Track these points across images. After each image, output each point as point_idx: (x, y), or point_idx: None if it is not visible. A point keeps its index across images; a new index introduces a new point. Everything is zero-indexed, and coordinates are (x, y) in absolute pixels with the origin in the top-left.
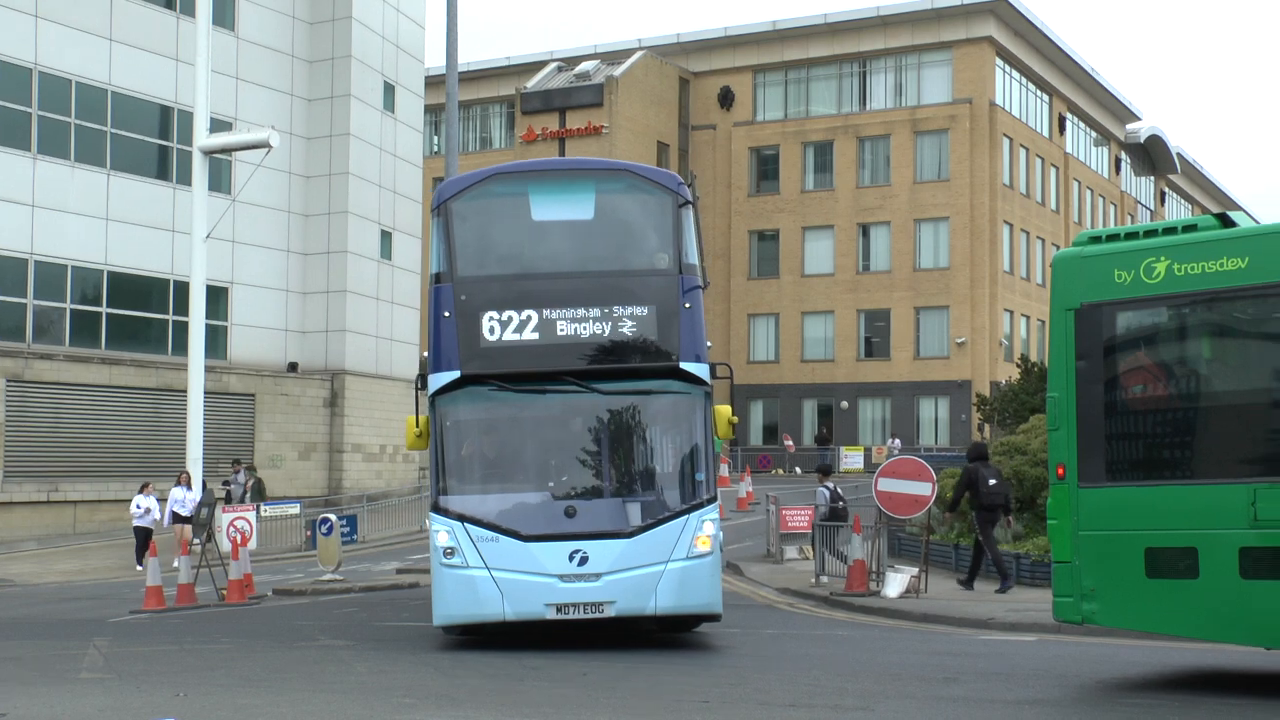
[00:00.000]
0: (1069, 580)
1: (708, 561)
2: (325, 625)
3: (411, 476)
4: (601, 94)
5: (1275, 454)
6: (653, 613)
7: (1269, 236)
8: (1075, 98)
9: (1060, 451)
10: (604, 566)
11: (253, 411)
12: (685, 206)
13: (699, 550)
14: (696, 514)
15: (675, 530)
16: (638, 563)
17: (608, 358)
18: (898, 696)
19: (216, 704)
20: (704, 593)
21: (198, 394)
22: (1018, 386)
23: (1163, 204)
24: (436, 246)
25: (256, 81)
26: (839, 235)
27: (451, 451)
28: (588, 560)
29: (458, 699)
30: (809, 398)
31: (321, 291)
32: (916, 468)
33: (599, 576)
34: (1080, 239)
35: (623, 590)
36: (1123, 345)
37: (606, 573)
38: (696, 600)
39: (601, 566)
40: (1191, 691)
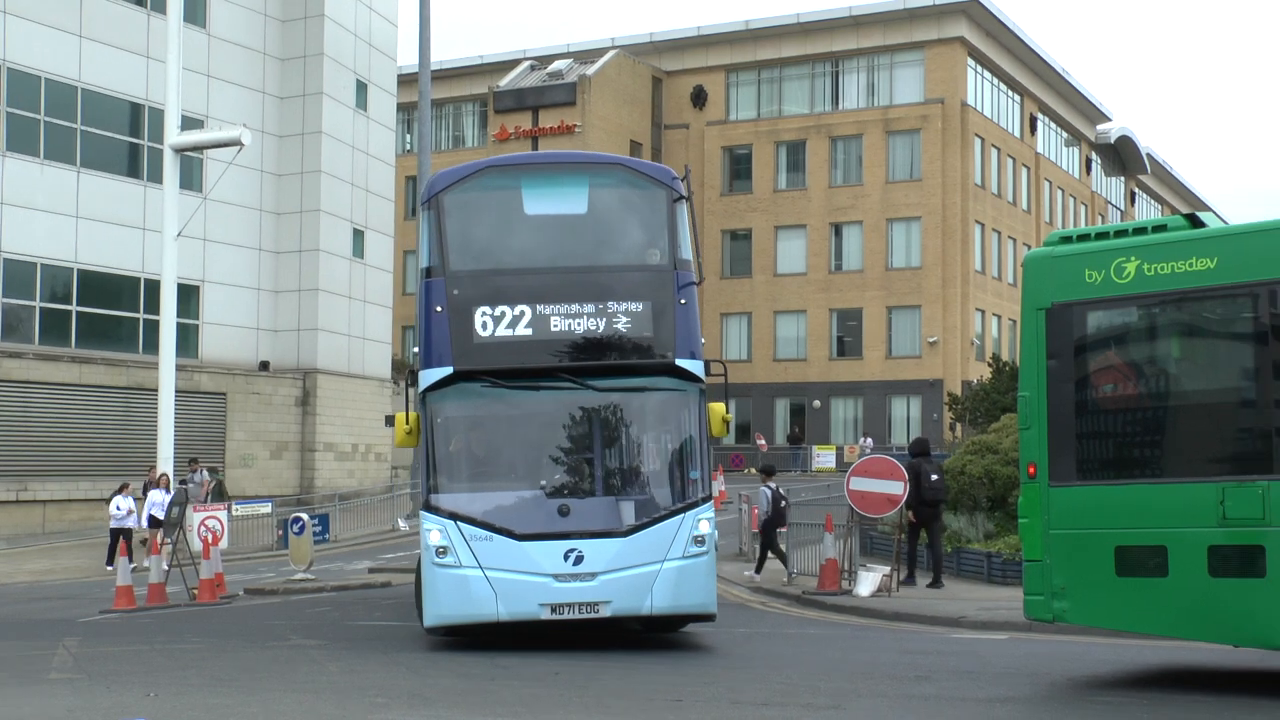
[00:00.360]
0: (1040, 579)
1: (703, 561)
2: (297, 625)
3: (384, 475)
4: (574, 93)
5: (1243, 453)
6: (648, 613)
7: (1237, 237)
8: (1046, 98)
9: (1031, 450)
10: (599, 566)
11: (224, 410)
12: (679, 201)
13: (695, 549)
14: (692, 513)
15: (671, 529)
16: (633, 562)
17: (602, 354)
18: (870, 695)
19: (188, 704)
20: (699, 592)
21: (169, 393)
22: (989, 386)
23: (1133, 204)
24: (427, 240)
25: (228, 79)
26: (811, 235)
27: (443, 449)
28: (583, 559)
29: (430, 698)
30: (781, 397)
31: (293, 290)
32: (889, 467)
33: (594, 576)
34: (1051, 239)
35: (618, 590)
36: (1093, 345)
37: (602, 572)
38: (692, 600)
39: (597, 566)
40: (1161, 689)
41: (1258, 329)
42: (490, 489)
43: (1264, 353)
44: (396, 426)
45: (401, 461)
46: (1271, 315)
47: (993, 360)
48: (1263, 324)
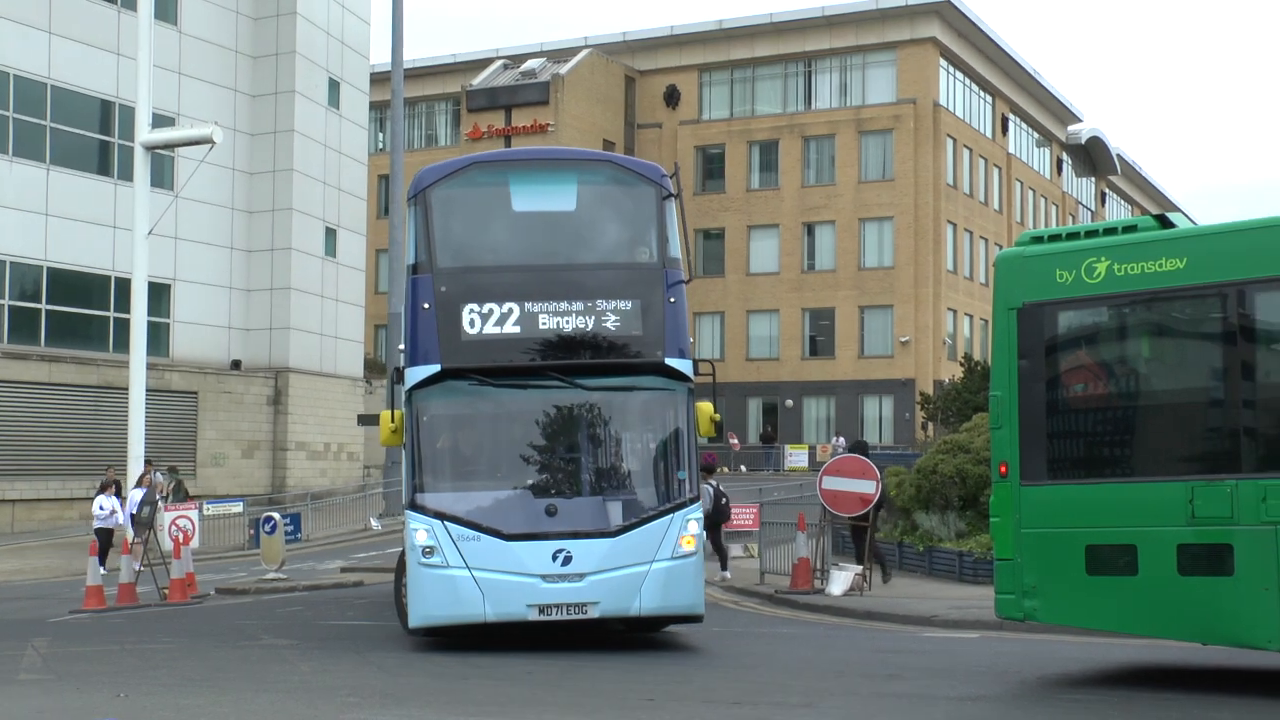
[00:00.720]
0: (1011, 578)
1: (692, 562)
2: (269, 624)
3: (356, 475)
4: (547, 92)
5: (1211, 452)
6: (637, 613)
7: (1206, 238)
8: (1018, 99)
9: (1003, 450)
10: (588, 566)
11: (195, 409)
12: (668, 198)
13: (683, 550)
14: (680, 513)
15: (660, 530)
16: (622, 563)
17: (591, 352)
18: (842, 693)
19: (158, 704)
20: (688, 593)
21: (139, 392)
22: (961, 385)
23: (1103, 204)
24: (414, 236)
25: (199, 77)
26: (784, 234)
27: (430, 447)
28: (571, 560)
29: (402, 698)
30: (754, 396)
31: (265, 289)
32: (861, 466)
33: (583, 577)
34: (1022, 239)
35: (607, 591)
36: (1064, 344)
37: (591, 573)
38: (680, 601)
39: (585, 566)
40: (1130, 687)
41: (1226, 329)
42: (477, 488)
43: (1232, 353)
44: (382, 425)
45: (374, 461)
46: (1240, 315)
47: (964, 360)
48: (1231, 324)
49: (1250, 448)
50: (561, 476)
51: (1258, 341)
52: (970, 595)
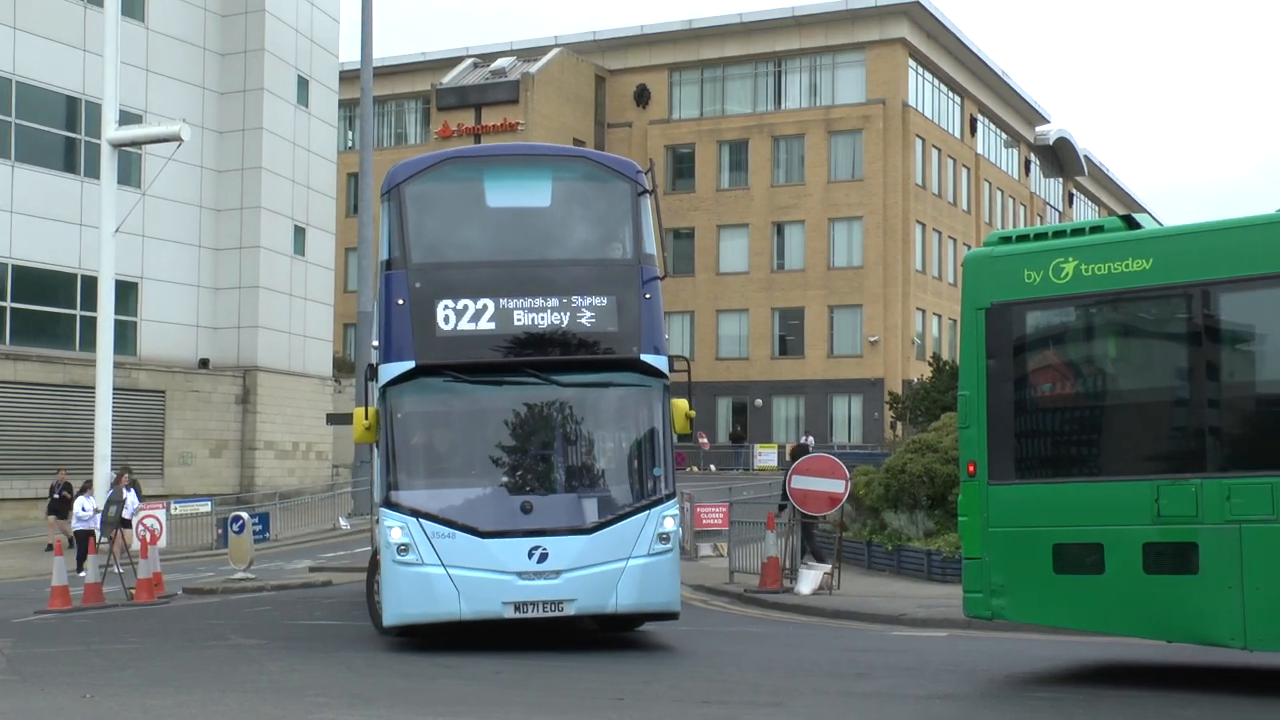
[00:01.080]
0: (979, 576)
1: (668, 558)
2: (237, 624)
3: (325, 474)
4: (517, 91)
5: (1177, 451)
6: (613, 611)
7: (1172, 238)
8: (986, 100)
9: (971, 449)
10: (564, 563)
11: (163, 408)
12: (644, 195)
13: (660, 547)
14: (657, 510)
15: (636, 526)
16: (598, 560)
17: (566, 349)
18: (810, 692)
19: (124, 705)
20: (665, 590)
21: (106, 390)
22: (929, 385)
23: (1070, 205)
24: (388, 232)
25: (167, 74)
26: (754, 234)
27: (404, 444)
28: (547, 557)
29: (371, 698)
30: (723, 395)
31: (233, 287)
32: (830, 465)
33: (559, 574)
34: (991, 239)
35: (583, 588)
36: (1032, 344)
37: (567, 570)
38: (657, 598)
39: (561, 563)
40: (1097, 685)
41: (1191, 329)
42: (452, 485)
43: (1197, 353)
44: (355, 422)
45: (342, 460)
46: (1205, 316)
47: (933, 359)
48: (1196, 324)
49: (1215, 447)
50: (537, 473)
51: (1222, 342)
52: (938, 594)
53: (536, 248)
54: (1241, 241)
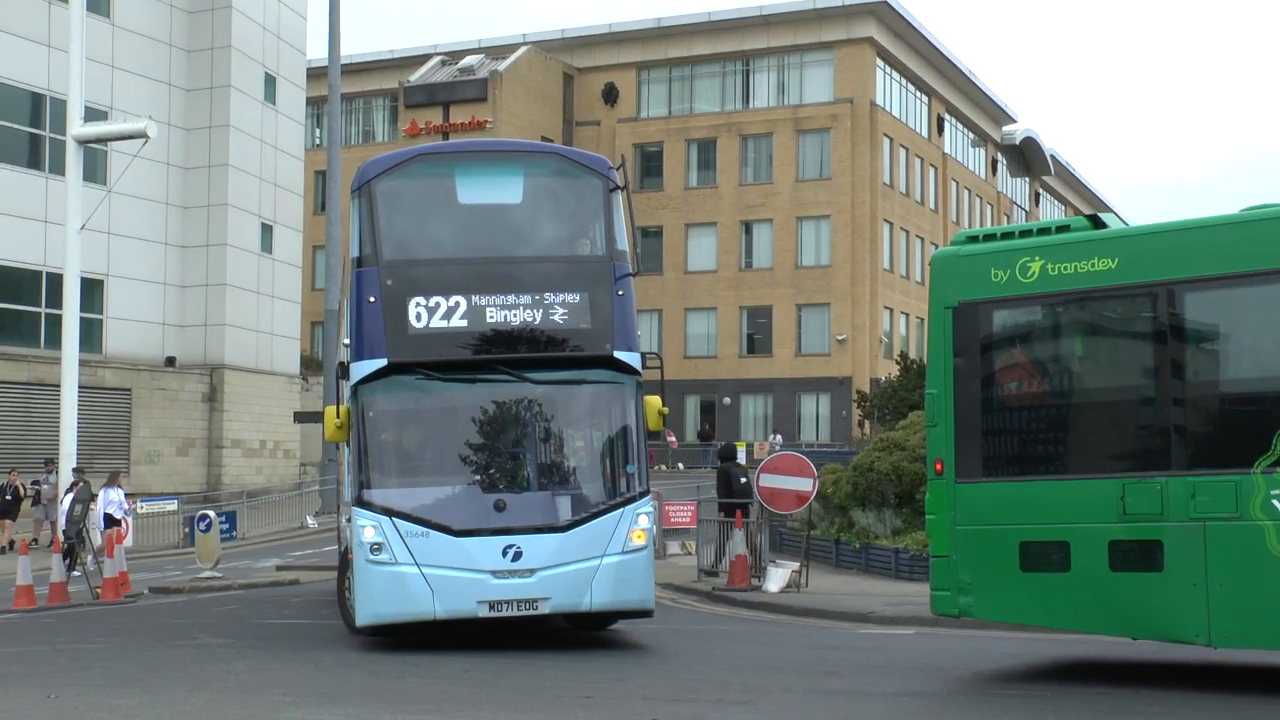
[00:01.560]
0: (946, 574)
1: (643, 556)
2: (204, 623)
3: (292, 473)
4: (485, 88)
5: (1143, 449)
6: (588, 609)
7: (1137, 238)
8: (954, 99)
9: (938, 447)
10: (538, 562)
11: (129, 406)
12: (615, 191)
13: (634, 544)
14: (631, 507)
15: (610, 524)
16: (573, 558)
17: (539, 346)
18: (779, 690)
19: (90, 705)
20: (639, 588)
21: (71, 389)
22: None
23: (1037, 204)
24: (359, 229)
25: (133, 70)
26: (722, 232)
27: (377, 442)
28: (522, 555)
29: (339, 697)
30: (691, 394)
31: (200, 285)
32: (798, 464)
33: (533, 572)
34: (958, 238)
35: (557, 586)
36: (999, 343)
37: (541, 568)
38: (632, 596)
39: (536, 562)
40: (1063, 682)
41: (1156, 328)
42: (425, 484)
43: (1162, 352)
44: (326, 420)
45: (310, 458)
46: (1170, 315)
47: (901, 358)
48: (1161, 323)
49: (1180, 446)
50: (510, 471)
51: (1187, 341)
52: (906, 592)
53: (508, 244)
54: (1206, 241)
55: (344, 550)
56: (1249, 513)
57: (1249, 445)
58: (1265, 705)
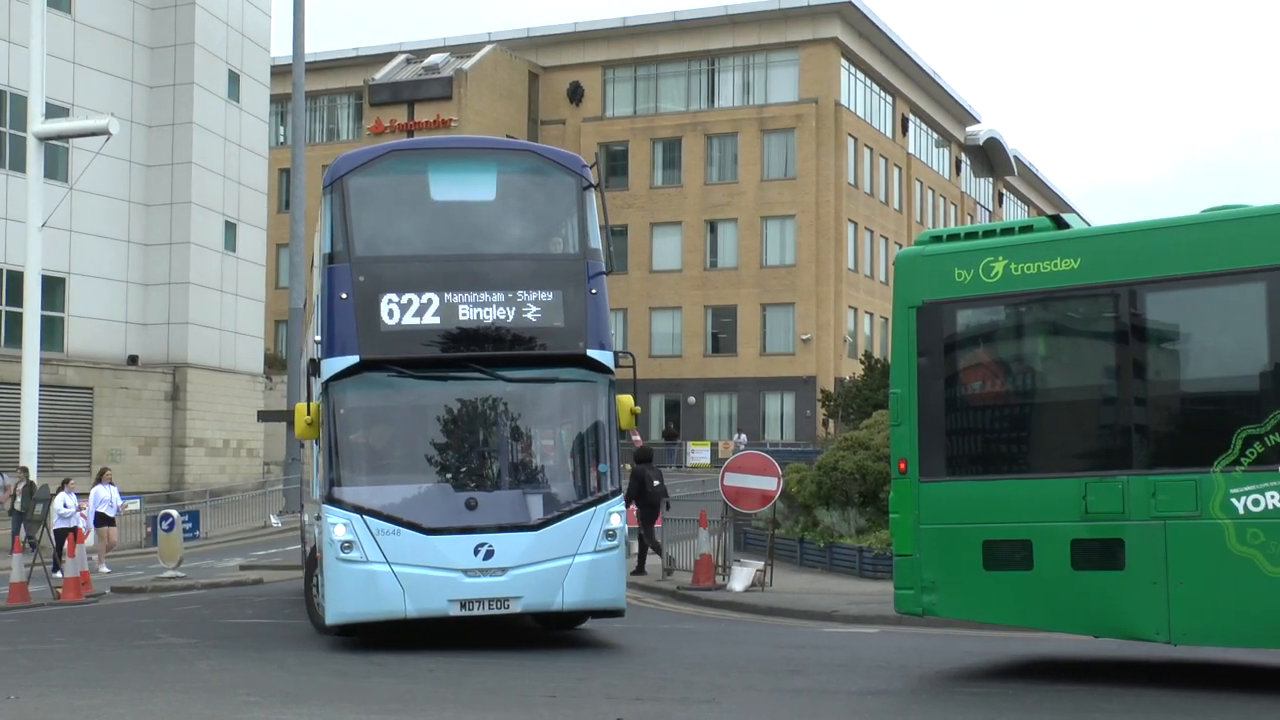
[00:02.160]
0: (910, 573)
1: (614, 555)
2: (166, 623)
3: (256, 472)
4: (450, 87)
5: (1105, 449)
6: (559, 608)
7: (1099, 238)
8: (918, 100)
9: (902, 446)
10: (510, 560)
11: (91, 405)
12: (589, 189)
13: (606, 543)
14: (603, 506)
15: (582, 523)
16: (545, 556)
17: (512, 344)
18: (743, 689)
19: (51, 706)
20: (611, 587)
21: (32, 387)
22: (861, 382)
23: (1000, 205)
24: (330, 225)
25: (95, 67)
26: (687, 232)
27: (348, 440)
28: (493, 554)
29: (303, 697)
30: (656, 393)
31: (163, 283)
32: (762, 463)
33: (505, 571)
34: (922, 238)
35: (529, 585)
36: (962, 343)
37: (513, 567)
38: (603, 595)
39: (508, 560)
40: (1026, 679)
41: (1118, 328)
42: (397, 482)
43: (1124, 351)
44: (297, 417)
45: (274, 457)
46: (1131, 315)
47: (865, 357)
48: (1123, 323)
49: (1141, 445)
50: (482, 469)
51: (1148, 341)
52: (870, 590)
53: (482, 242)
54: (1167, 242)
55: (311, 549)
56: (1209, 511)
57: (1209, 445)
58: (1223, 702)
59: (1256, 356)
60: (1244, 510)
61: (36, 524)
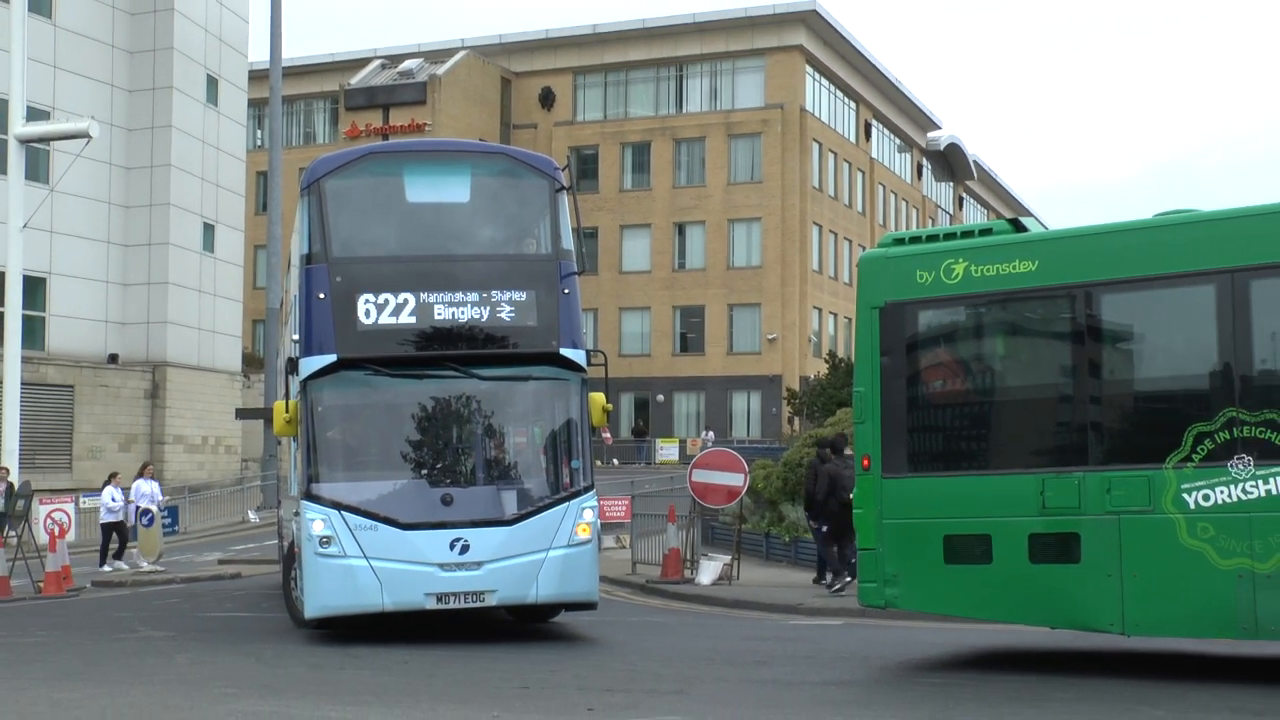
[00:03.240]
0: (873, 567)
1: (587, 550)
2: (146, 616)
3: (234, 468)
4: (425, 92)
5: (1061, 446)
6: (534, 601)
7: (1056, 241)
8: (880, 106)
9: (866, 443)
10: (485, 555)
11: (72, 403)
12: (561, 191)
13: (579, 538)
14: (576, 501)
15: (556, 518)
16: (519, 551)
17: (486, 342)
18: (711, 680)
19: (33, 699)
20: (583, 581)
21: (14, 386)
22: (826, 381)
23: (961, 208)
24: (308, 226)
25: (75, 71)
26: (656, 234)
27: (325, 437)
28: (469, 549)
29: (279, 689)
30: (626, 391)
31: (143, 283)
32: (729, 459)
33: (480, 565)
34: (885, 240)
35: (504, 579)
36: (924, 342)
37: (488, 561)
38: (576, 588)
39: (483, 555)
40: (984, 670)
41: (1074, 329)
42: (374, 478)
43: (1080, 351)
44: (276, 414)
45: (251, 454)
46: (1087, 316)
47: (829, 356)
48: (1079, 324)
49: (1096, 442)
50: (457, 466)
51: (1103, 341)
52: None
53: (456, 243)
54: (1121, 245)
55: (290, 544)
56: (1161, 506)
57: (1162, 442)
58: (1173, 690)
59: (1207, 356)
60: (1195, 505)
61: (18, 519)
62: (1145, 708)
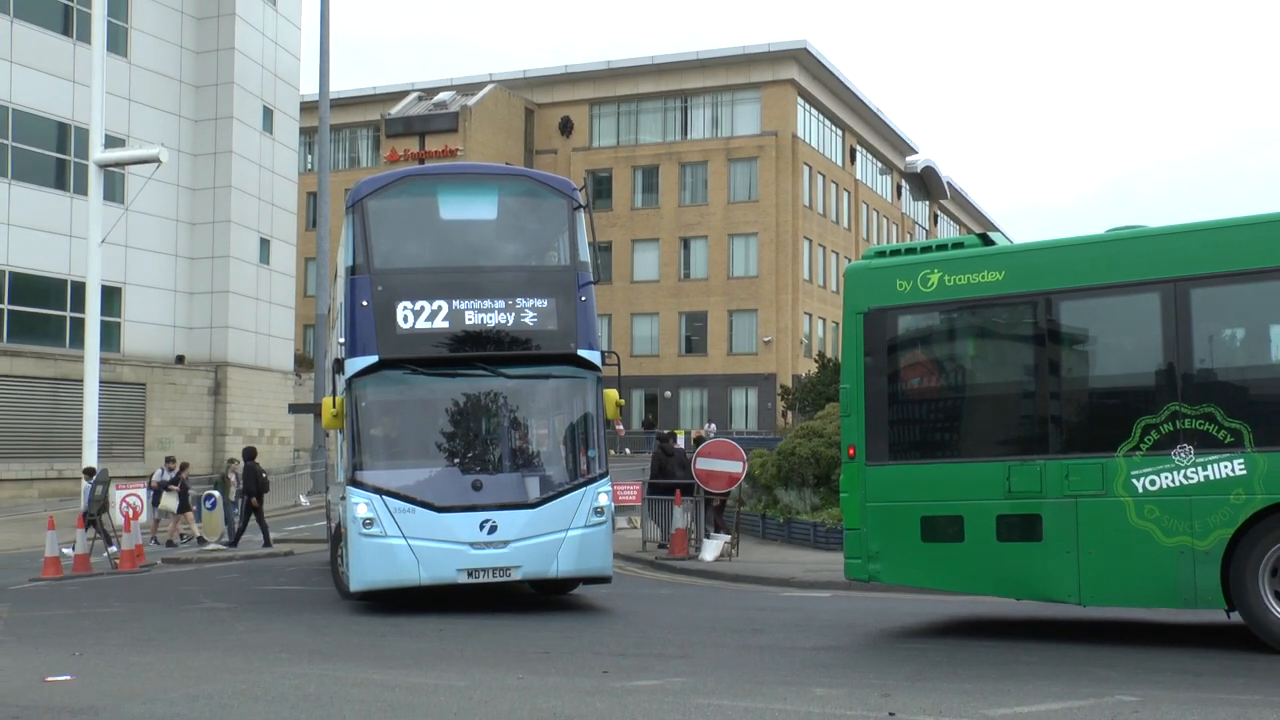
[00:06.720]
0: (858, 544)
1: (603, 529)
2: (209, 590)
3: (287, 457)
4: (457, 121)
5: (1025, 437)
6: (554, 575)
7: (1021, 253)
8: (864, 133)
9: (851, 434)
10: (511, 534)
11: (143, 399)
12: (579, 209)
13: (595, 519)
14: (592, 486)
15: (574, 501)
16: (541, 530)
17: (511, 345)
18: (713, 645)
19: (109, 662)
20: (599, 557)
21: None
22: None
23: (936, 224)
24: (352, 241)
25: (147, 103)
26: (663, 247)
27: (368, 429)
28: (496, 529)
29: (327, 653)
30: (637, 388)
31: (206, 292)
32: (730, 449)
33: (507, 544)
34: (868, 253)
35: (528, 555)
36: (903, 344)
37: (514, 540)
38: (592, 564)
39: (509, 534)
40: (958, 636)
41: (1036, 332)
42: (411, 466)
43: (1041, 352)
44: (324, 409)
45: (303, 444)
46: (1047, 320)
47: (819, 357)
48: (1041, 328)
49: (1056, 433)
50: (486, 455)
51: (1062, 343)
52: (823, 560)
53: (485, 255)
54: (1077, 257)
55: (336, 525)
56: (1113, 490)
57: (1114, 433)
58: (1124, 653)
59: (1153, 357)
60: (1142, 489)
61: (97, 504)
62: (1099, 669)
